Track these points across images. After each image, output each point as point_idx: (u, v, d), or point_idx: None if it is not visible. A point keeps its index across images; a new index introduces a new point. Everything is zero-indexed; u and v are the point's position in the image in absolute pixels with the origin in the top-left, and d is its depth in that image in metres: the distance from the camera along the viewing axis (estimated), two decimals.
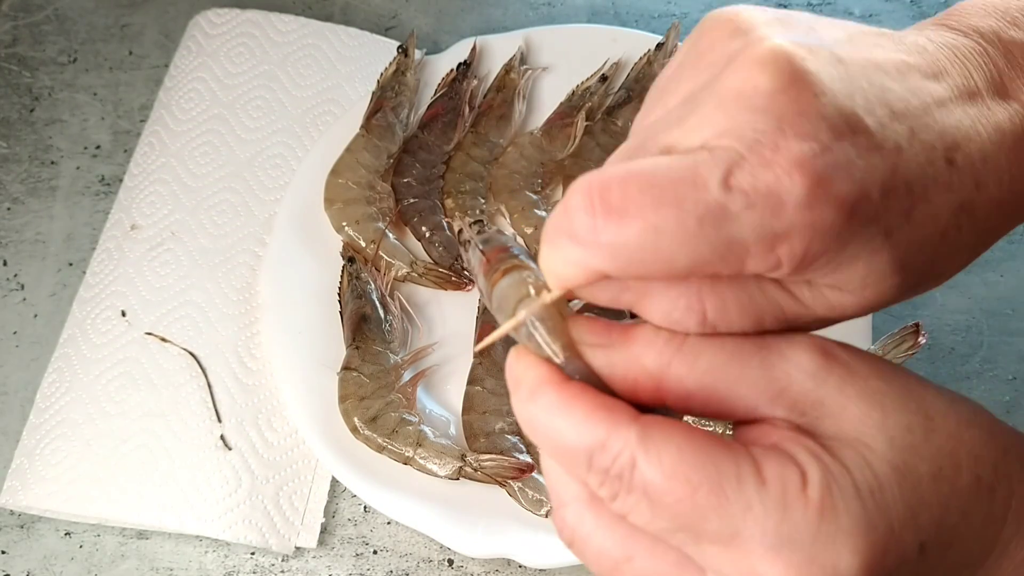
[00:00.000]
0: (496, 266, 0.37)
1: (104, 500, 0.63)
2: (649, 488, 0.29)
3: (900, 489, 0.29)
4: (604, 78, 0.74)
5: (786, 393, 0.30)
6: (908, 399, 0.31)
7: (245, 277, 0.70)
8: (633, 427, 0.30)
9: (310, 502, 0.64)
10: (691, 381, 0.31)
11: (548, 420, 0.31)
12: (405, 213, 0.71)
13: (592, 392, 0.31)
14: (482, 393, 0.64)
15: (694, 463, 0.29)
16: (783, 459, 0.29)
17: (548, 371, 0.31)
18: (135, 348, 0.68)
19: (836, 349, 0.31)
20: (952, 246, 0.32)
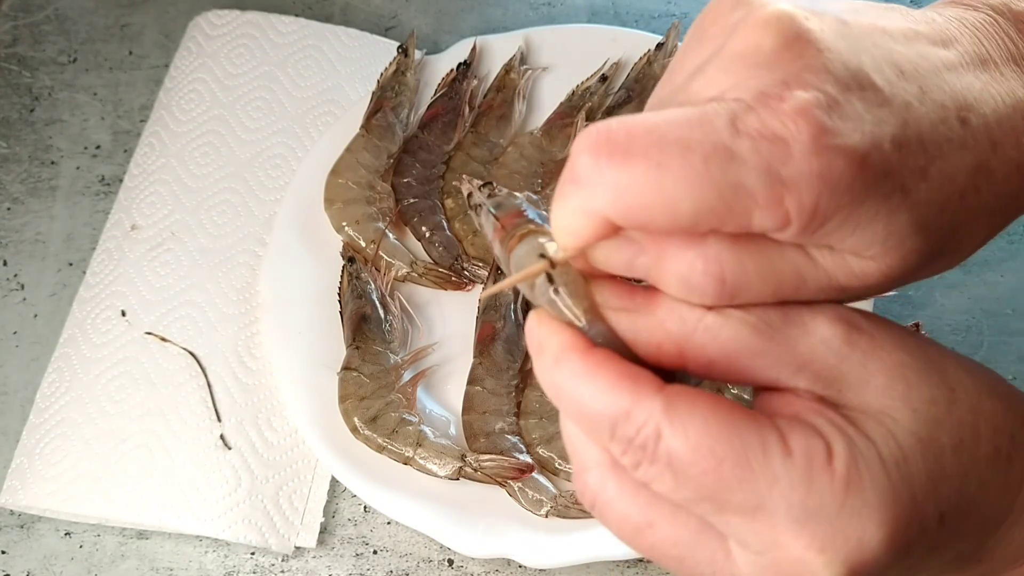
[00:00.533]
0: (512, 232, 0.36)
1: (104, 500, 0.63)
2: (674, 460, 0.29)
3: (924, 460, 0.29)
4: (604, 78, 0.74)
5: (809, 365, 0.30)
6: (931, 371, 0.31)
7: (245, 277, 0.70)
8: (658, 398, 0.29)
9: (310, 502, 0.64)
10: (714, 349, 0.30)
11: (572, 387, 0.30)
12: (405, 213, 0.71)
13: (617, 359, 0.30)
14: (482, 393, 0.64)
15: (720, 435, 0.28)
16: (808, 431, 0.29)
17: (572, 337, 0.31)
18: (135, 348, 0.68)
19: (860, 320, 0.31)
20: (972, 209, 0.31)
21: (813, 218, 0.28)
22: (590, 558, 0.59)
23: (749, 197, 0.28)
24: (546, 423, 0.63)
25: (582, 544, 0.59)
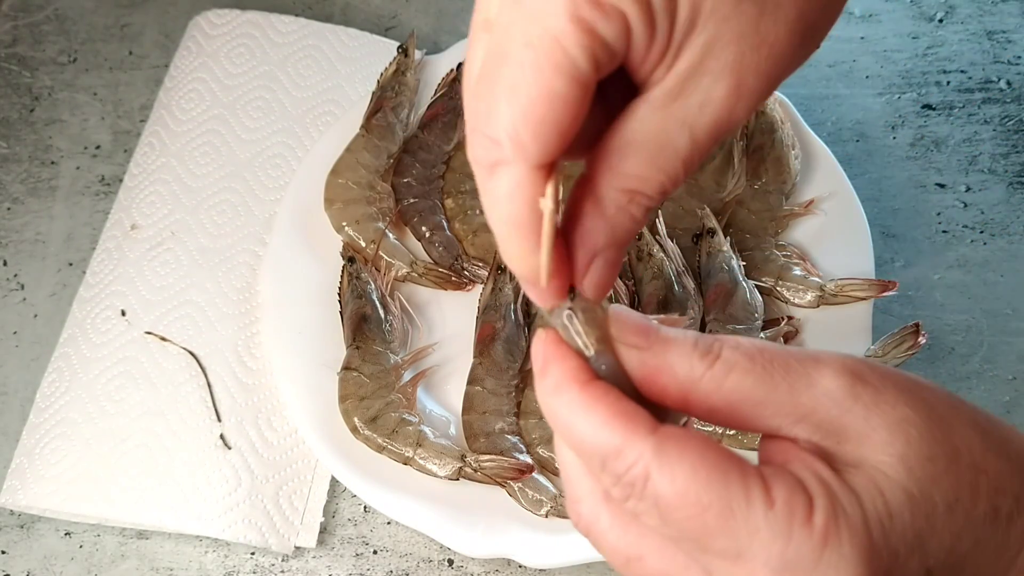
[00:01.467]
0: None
1: (104, 500, 0.63)
2: (660, 502, 0.30)
3: (911, 517, 0.30)
4: None
5: (811, 417, 0.31)
6: (935, 428, 0.31)
7: (245, 277, 0.70)
8: (650, 440, 0.30)
9: (310, 502, 0.64)
10: (718, 398, 0.32)
11: (568, 417, 0.32)
12: (405, 213, 0.71)
13: (614, 396, 0.31)
14: (482, 393, 0.64)
15: (706, 483, 0.30)
16: (793, 483, 0.30)
17: (575, 367, 0.32)
18: (135, 347, 0.68)
19: (867, 372, 0.32)
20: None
21: None
22: (590, 558, 0.59)
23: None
24: (546, 423, 0.62)
25: (582, 544, 0.59)
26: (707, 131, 0.32)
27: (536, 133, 0.30)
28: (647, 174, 0.32)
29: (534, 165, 0.31)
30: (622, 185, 0.32)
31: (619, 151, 0.32)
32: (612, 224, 0.33)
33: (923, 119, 0.77)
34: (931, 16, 0.82)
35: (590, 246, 0.33)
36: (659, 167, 0.32)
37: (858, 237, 0.68)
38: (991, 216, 0.72)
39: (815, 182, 0.70)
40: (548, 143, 0.31)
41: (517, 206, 0.31)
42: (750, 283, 0.65)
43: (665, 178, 0.33)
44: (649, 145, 0.32)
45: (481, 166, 0.32)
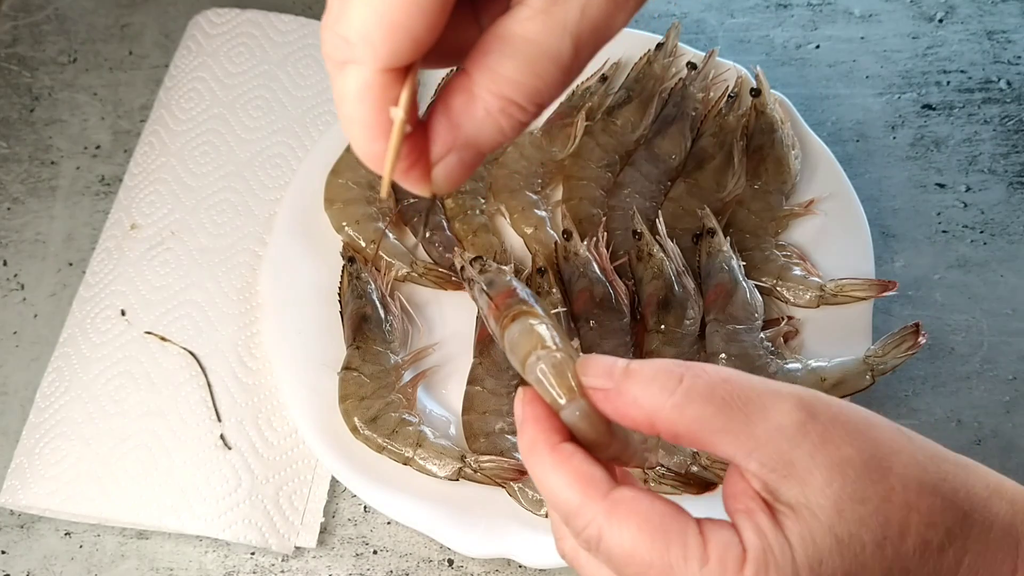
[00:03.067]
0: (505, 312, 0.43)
1: (104, 499, 0.63)
2: (611, 559, 0.35)
3: (840, 559, 0.34)
4: (604, 78, 0.74)
5: (762, 449, 0.35)
6: (873, 469, 0.35)
7: (245, 277, 0.70)
8: (602, 504, 0.35)
9: (310, 502, 0.64)
10: (680, 426, 0.36)
11: (539, 474, 0.37)
12: (405, 213, 0.71)
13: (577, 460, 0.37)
14: (482, 393, 0.64)
15: (649, 543, 0.34)
16: (728, 539, 0.35)
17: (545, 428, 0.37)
18: (135, 347, 0.68)
19: (821, 409, 0.35)
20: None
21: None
22: None
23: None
24: None
25: None
26: (588, 37, 0.31)
27: (388, 36, 0.30)
28: (523, 79, 0.31)
29: (383, 68, 0.30)
30: (497, 89, 0.31)
31: (497, 52, 0.31)
32: (478, 127, 0.32)
33: (923, 119, 0.77)
34: (931, 16, 0.82)
35: (450, 139, 0.32)
36: (536, 73, 0.31)
37: (858, 237, 0.68)
38: (991, 216, 0.72)
39: (815, 182, 0.70)
40: (400, 47, 0.30)
41: (366, 108, 0.31)
42: (750, 283, 0.65)
43: (542, 85, 0.32)
44: (528, 49, 0.31)
45: (331, 62, 0.31)
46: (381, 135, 0.31)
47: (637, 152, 0.72)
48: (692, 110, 0.73)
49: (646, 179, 0.71)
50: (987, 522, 0.36)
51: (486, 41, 0.31)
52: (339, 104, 0.32)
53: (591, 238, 0.67)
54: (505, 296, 0.44)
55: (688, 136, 0.72)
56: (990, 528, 0.36)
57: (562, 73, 0.32)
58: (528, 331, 0.41)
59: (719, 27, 0.83)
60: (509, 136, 0.33)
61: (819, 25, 0.82)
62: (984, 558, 0.36)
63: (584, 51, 0.32)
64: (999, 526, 0.36)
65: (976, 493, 0.37)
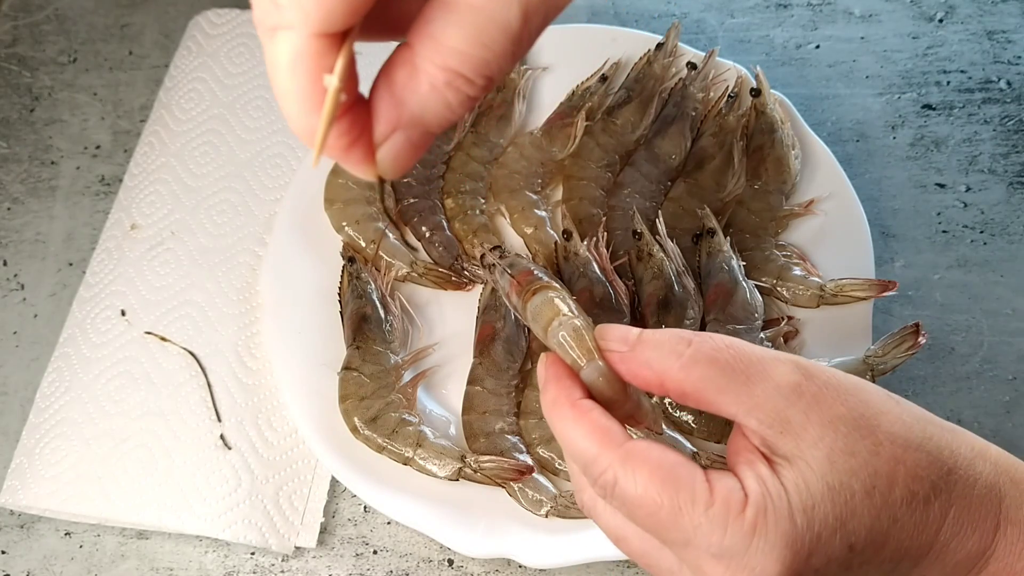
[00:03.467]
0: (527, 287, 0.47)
1: (104, 500, 0.63)
2: (626, 501, 0.39)
3: (832, 504, 0.37)
4: (604, 78, 0.74)
5: (760, 407, 0.38)
6: (863, 425, 0.38)
7: (245, 277, 0.71)
8: (618, 451, 0.39)
9: (310, 502, 0.64)
10: (687, 385, 0.39)
11: (561, 427, 0.41)
12: (405, 213, 0.71)
13: (596, 413, 0.40)
14: (482, 393, 0.64)
15: (661, 486, 0.38)
16: (731, 484, 0.38)
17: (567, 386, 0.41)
18: (135, 347, 0.68)
19: (816, 373, 0.39)
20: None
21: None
22: (590, 558, 0.59)
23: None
24: (546, 423, 0.62)
25: (582, 544, 0.59)
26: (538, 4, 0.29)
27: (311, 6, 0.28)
28: (470, 49, 0.29)
29: (316, 33, 0.28)
30: (442, 60, 0.29)
31: (441, 21, 0.29)
32: (423, 102, 0.30)
33: (923, 119, 0.77)
34: (931, 16, 0.82)
35: (394, 116, 0.30)
36: (483, 42, 0.29)
37: (858, 237, 0.68)
38: (991, 216, 0.72)
39: (815, 182, 0.70)
40: (333, 10, 0.28)
41: (299, 78, 0.29)
42: (750, 283, 0.65)
43: (490, 56, 0.29)
44: (474, 17, 0.29)
45: (262, 28, 0.29)
46: (316, 107, 0.29)
47: (637, 152, 0.72)
48: (692, 110, 0.73)
49: (646, 179, 0.71)
50: (971, 479, 0.39)
51: (430, 9, 0.29)
52: (271, 74, 0.29)
53: (591, 238, 0.67)
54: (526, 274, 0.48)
55: (688, 136, 0.72)
56: (973, 485, 0.39)
57: (511, 43, 0.29)
58: (549, 302, 0.46)
59: (719, 27, 0.83)
60: (457, 112, 0.31)
61: (819, 25, 0.82)
62: (968, 513, 0.39)
63: (534, 20, 0.30)
64: (982, 484, 0.39)
65: (961, 453, 0.39)
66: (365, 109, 0.31)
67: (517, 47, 0.30)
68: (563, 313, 0.45)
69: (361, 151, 0.31)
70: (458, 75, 0.29)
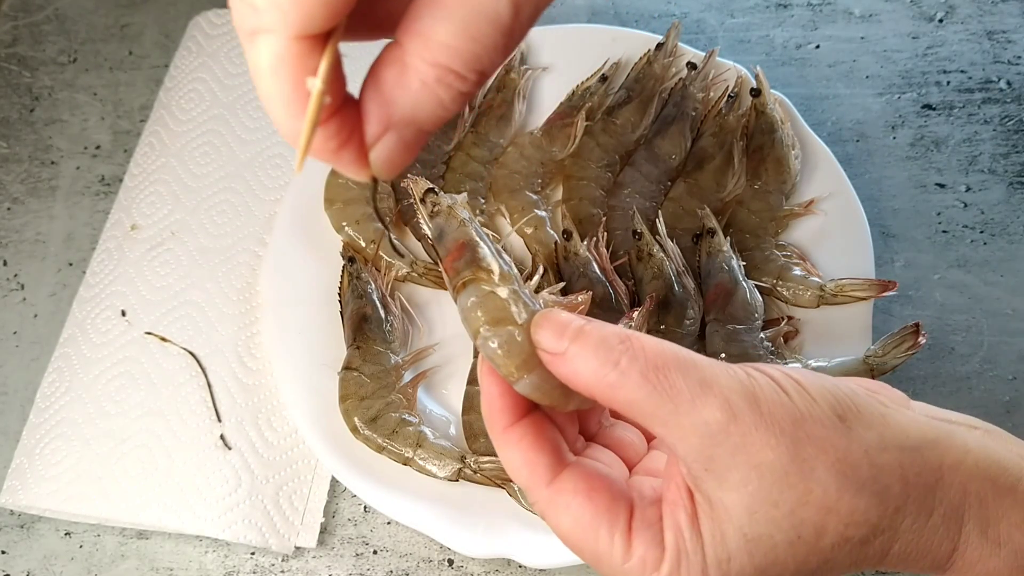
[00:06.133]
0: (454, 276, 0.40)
1: (103, 500, 0.63)
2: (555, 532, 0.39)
3: (749, 556, 0.36)
4: (604, 78, 0.74)
5: (687, 440, 0.36)
6: (792, 472, 0.36)
7: (245, 277, 0.71)
8: (544, 491, 0.39)
9: (310, 502, 0.64)
10: (616, 404, 0.37)
11: (496, 448, 0.41)
12: (405, 213, 0.71)
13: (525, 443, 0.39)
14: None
15: (582, 534, 0.38)
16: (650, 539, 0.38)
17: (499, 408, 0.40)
18: (135, 348, 0.68)
19: (745, 413, 0.36)
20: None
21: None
22: None
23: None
24: None
25: None
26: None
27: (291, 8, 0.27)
28: (460, 44, 0.28)
29: (296, 35, 0.28)
30: (431, 56, 0.28)
31: (429, 16, 0.28)
32: (414, 100, 0.29)
33: (923, 119, 0.77)
34: (931, 16, 0.82)
35: (384, 116, 0.30)
36: (474, 36, 0.28)
37: (858, 237, 0.68)
38: (991, 216, 0.72)
39: (815, 182, 0.70)
40: (313, 12, 0.27)
41: (282, 82, 0.28)
42: (750, 283, 0.65)
43: (481, 50, 0.28)
44: (463, 10, 0.28)
45: (242, 33, 0.28)
46: (301, 111, 0.28)
47: (637, 152, 0.72)
48: (692, 110, 0.73)
49: (646, 179, 0.71)
50: (926, 510, 0.37)
51: (417, 6, 0.28)
52: (254, 79, 0.29)
53: (591, 238, 0.67)
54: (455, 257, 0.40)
55: (688, 136, 0.72)
56: (929, 515, 0.37)
57: (502, 36, 0.29)
58: (477, 304, 0.39)
59: (719, 27, 0.83)
60: (450, 109, 0.30)
61: (819, 25, 0.82)
62: (917, 545, 0.37)
63: (524, 11, 0.29)
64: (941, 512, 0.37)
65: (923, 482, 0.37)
66: (355, 110, 0.30)
67: (508, 39, 0.29)
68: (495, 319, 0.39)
69: (352, 152, 0.31)
70: (449, 71, 0.29)
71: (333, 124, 0.30)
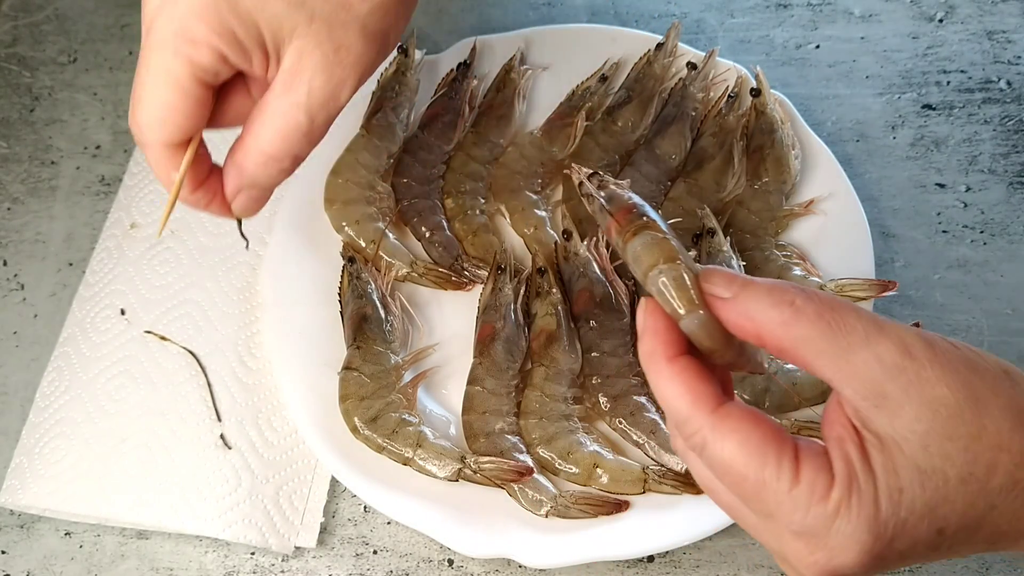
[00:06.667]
0: (626, 227, 0.44)
1: (103, 499, 0.63)
2: (713, 464, 0.39)
3: (921, 490, 0.36)
4: (604, 78, 0.74)
5: (857, 377, 0.37)
6: (966, 409, 0.37)
7: (245, 276, 0.71)
8: (709, 417, 0.39)
9: (310, 502, 0.64)
10: (786, 343, 0.38)
11: (655, 381, 0.41)
12: (405, 213, 0.71)
13: (690, 373, 0.40)
14: (482, 393, 0.64)
15: (747, 459, 0.38)
16: (819, 465, 0.38)
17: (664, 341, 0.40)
18: (135, 347, 0.68)
19: (918, 349, 0.37)
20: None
21: None
22: (590, 558, 0.59)
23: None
24: (546, 423, 0.63)
25: (582, 544, 0.59)
26: (319, 111, 0.45)
27: (162, 127, 0.45)
28: (277, 142, 0.45)
29: (164, 145, 0.45)
30: (259, 149, 0.46)
31: (258, 123, 0.45)
32: (254, 173, 0.47)
33: (923, 119, 0.77)
34: (931, 16, 0.82)
35: (237, 182, 0.47)
36: (284, 139, 0.45)
37: (858, 237, 0.68)
38: (991, 216, 0.72)
39: (815, 182, 0.70)
40: (172, 133, 0.45)
41: (161, 172, 0.46)
42: None
43: (291, 146, 0.46)
44: (277, 122, 0.45)
45: (137, 142, 0.46)
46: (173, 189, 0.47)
47: (637, 152, 0.72)
48: (692, 110, 0.73)
49: (646, 179, 0.71)
50: None
51: (253, 114, 0.46)
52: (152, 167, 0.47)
53: (591, 238, 0.67)
54: (625, 212, 0.45)
55: (688, 136, 0.72)
56: None
57: (304, 137, 0.46)
58: (649, 245, 0.43)
59: (719, 27, 0.83)
60: (278, 179, 0.47)
61: (819, 25, 0.82)
62: None
63: (318, 119, 0.46)
64: None
65: None
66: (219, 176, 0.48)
67: (310, 138, 0.46)
68: (664, 258, 0.42)
69: (219, 204, 0.48)
70: (272, 158, 0.46)
71: (205, 186, 0.47)
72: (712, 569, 0.61)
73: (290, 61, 0.44)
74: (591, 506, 0.60)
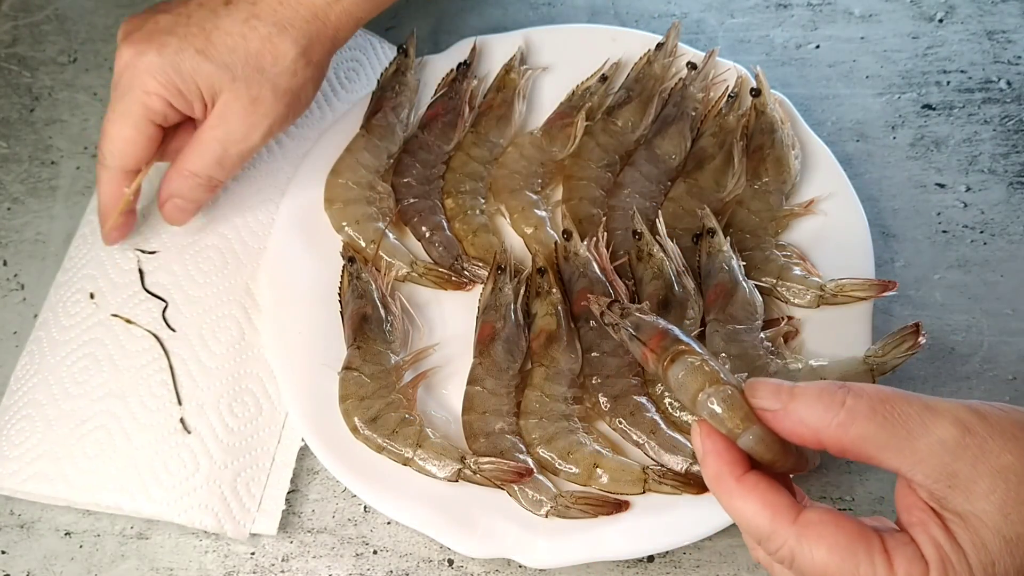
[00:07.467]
0: (662, 355, 0.47)
1: (63, 481, 0.63)
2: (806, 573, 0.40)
3: (1011, 556, 0.38)
4: (604, 78, 0.74)
5: (925, 462, 0.39)
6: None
7: (212, 260, 0.70)
8: (792, 528, 0.40)
9: (268, 488, 0.63)
10: (846, 442, 0.40)
11: (728, 501, 0.42)
12: (405, 213, 0.71)
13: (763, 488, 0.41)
14: (482, 393, 0.64)
15: (841, 562, 0.39)
16: (911, 554, 0.38)
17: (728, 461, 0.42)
18: (100, 330, 0.67)
19: (976, 424, 0.39)
20: None
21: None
22: (590, 558, 0.59)
23: None
24: (546, 423, 0.63)
25: (582, 544, 0.59)
26: (232, 144, 0.63)
27: (119, 157, 0.63)
28: (197, 165, 0.63)
29: (119, 170, 0.63)
30: (186, 168, 0.63)
31: (188, 151, 0.63)
32: (181, 186, 0.64)
33: (923, 119, 0.77)
34: (931, 16, 0.82)
35: (166, 192, 0.65)
36: (204, 161, 0.63)
37: (858, 237, 0.68)
38: (991, 216, 0.72)
39: (815, 182, 0.70)
40: (127, 162, 0.63)
41: (108, 191, 0.64)
42: (750, 283, 0.65)
43: (211, 171, 0.64)
44: (200, 148, 0.63)
45: (98, 166, 0.64)
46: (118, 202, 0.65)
47: (637, 152, 0.72)
48: (692, 110, 0.73)
49: (646, 179, 0.71)
50: None
51: (188, 147, 0.63)
52: (99, 189, 0.65)
53: (591, 238, 0.67)
54: (658, 339, 0.47)
55: (688, 136, 0.72)
56: None
57: (218, 163, 0.63)
58: (692, 371, 0.45)
59: (719, 27, 0.83)
60: (198, 195, 0.65)
61: (819, 25, 0.82)
62: None
63: (231, 151, 0.63)
64: None
65: None
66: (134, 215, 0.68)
67: (223, 164, 0.64)
68: (710, 382, 0.44)
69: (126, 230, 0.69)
70: (193, 175, 0.64)
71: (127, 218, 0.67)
72: (712, 569, 0.61)
73: (219, 107, 0.62)
74: (591, 506, 0.60)
